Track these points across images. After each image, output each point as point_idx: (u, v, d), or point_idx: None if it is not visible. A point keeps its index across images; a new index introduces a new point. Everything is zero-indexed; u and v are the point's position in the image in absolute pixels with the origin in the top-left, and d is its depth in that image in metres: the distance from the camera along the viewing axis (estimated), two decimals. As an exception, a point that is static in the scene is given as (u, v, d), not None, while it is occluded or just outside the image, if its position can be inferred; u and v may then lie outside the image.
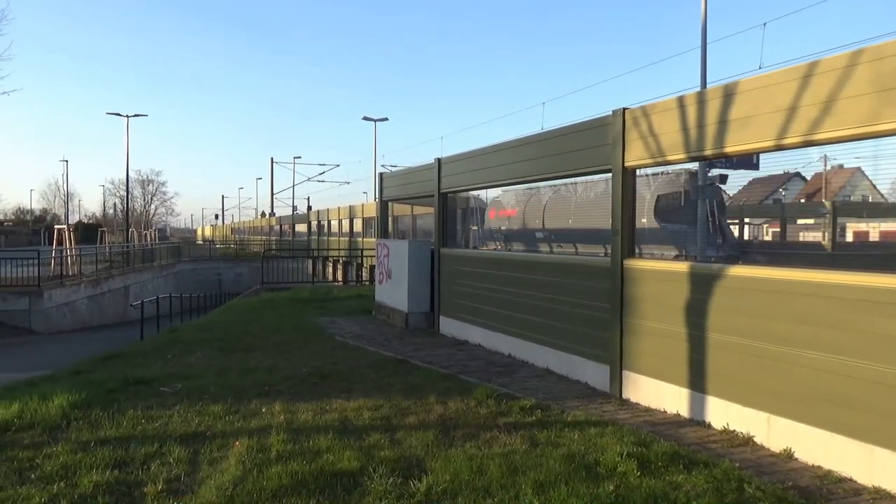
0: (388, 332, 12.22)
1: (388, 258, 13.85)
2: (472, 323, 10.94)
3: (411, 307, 12.66)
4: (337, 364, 9.06)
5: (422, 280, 12.62)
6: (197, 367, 9.01)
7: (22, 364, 14.17)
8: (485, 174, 10.72)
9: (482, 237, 16.33)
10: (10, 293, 22.19)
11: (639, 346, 7.12)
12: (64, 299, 24.37)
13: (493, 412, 6.58)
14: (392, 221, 17.82)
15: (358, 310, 15.35)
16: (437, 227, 12.38)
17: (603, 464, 5.06)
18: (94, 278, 27.94)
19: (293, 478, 4.80)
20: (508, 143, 10.06)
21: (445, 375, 8.31)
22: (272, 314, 14.87)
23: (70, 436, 5.92)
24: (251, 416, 6.45)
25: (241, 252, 54.36)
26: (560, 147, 8.59)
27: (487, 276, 10.49)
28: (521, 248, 14.53)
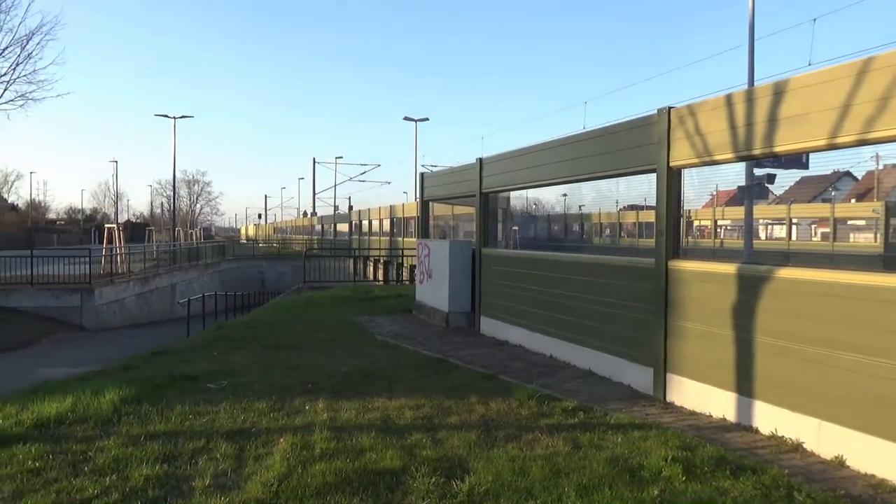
0: (429, 332, 12.25)
1: (429, 258, 13.89)
2: (513, 323, 10.91)
3: (452, 307, 12.68)
4: (378, 363, 9.12)
5: (462, 280, 12.62)
6: (242, 364, 9.16)
7: (75, 359, 14.60)
8: (526, 174, 10.68)
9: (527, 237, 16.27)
10: (62, 290, 22.86)
11: (683, 348, 7.01)
12: (113, 297, 25.02)
13: (535, 413, 6.55)
14: (433, 221, 17.87)
15: (398, 309, 15.43)
16: (479, 227, 12.38)
17: (647, 467, 4.99)
18: (143, 276, 28.63)
19: (337, 475, 4.85)
20: (551, 142, 10.01)
21: (486, 375, 8.30)
22: (314, 313, 15.04)
23: (121, 430, 6.07)
24: (295, 414, 6.53)
25: (283, 251, 55.17)
26: (603, 146, 8.51)
27: (528, 277, 10.45)
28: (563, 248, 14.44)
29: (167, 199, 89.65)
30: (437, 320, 13.13)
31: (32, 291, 22.44)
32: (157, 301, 29.51)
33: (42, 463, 5.24)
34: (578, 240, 37.22)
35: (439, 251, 13.30)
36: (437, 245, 13.72)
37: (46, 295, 22.57)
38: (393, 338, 11.48)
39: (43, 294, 22.54)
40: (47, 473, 5.03)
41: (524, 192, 14.80)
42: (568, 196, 26.75)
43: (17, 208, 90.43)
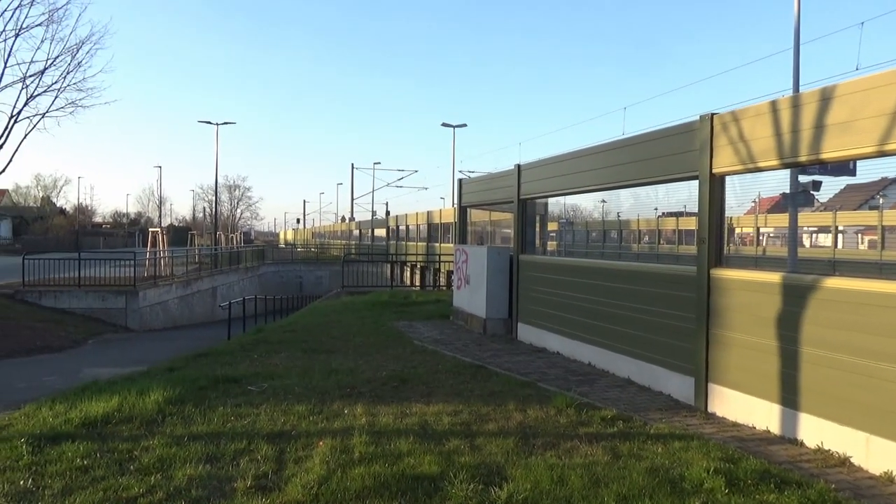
0: (466, 338, 12.25)
1: (467, 264, 13.89)
2: (551, 330, 10.85)
3: (489, 313, 12.66)
4: (416, 368, 9.15)
5: (500, 286, 12.60)
6: (281, 367, 9.28)
7: (120, 359, 14.94)
8: (565, 180, 10.63)
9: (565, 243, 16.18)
10: (108, 292, 23.41)
11: (726, 358, 6.89)
12: (157, 299, 25.52)
13: (574, 421, 6.50)
14: (471, 227, 17.89)
15: (436, 314, 15.46)
16: (516, 233, 12.34)
17: (688, 479, 4.92)
18: (185, 279, 29.16)
19: (376, 479, 4.88)
20: (589, 149, 9.94)
21: (524, 382, 8.26)
22: (352, 317, 15.15)
23: (165, 430, 6.20)
24: (334, 417, 6.59)
25: (321, 256, 55.72)
26: (644, 153, 8.43)
27: (567, 284, 10.38)
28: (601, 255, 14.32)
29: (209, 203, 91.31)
30: (475, 326, 13.12)
31: (80, 293, 23.02)
32: (198, 304, 30.03)
33: (90, 461, 5.37)
34: (617, 247, 36.85)
35: (477, 257, 13.30)
36: (474, 251, 13.73)
37: (93, 297, 23.13)
38: (430, 343, 11.50)
39: (90, 296, 23.10)
40: (94, 471, 5.16)
41: (562, 198, 14.71)
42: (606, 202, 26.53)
43: (66, 212, 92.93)
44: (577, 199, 15.67)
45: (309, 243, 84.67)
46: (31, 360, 14.95)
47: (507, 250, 12.99)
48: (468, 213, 16.68)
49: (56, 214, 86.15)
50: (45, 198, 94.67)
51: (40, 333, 18.25)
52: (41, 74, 22.05)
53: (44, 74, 22.09)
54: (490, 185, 14.25)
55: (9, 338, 16.92)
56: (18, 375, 12.32)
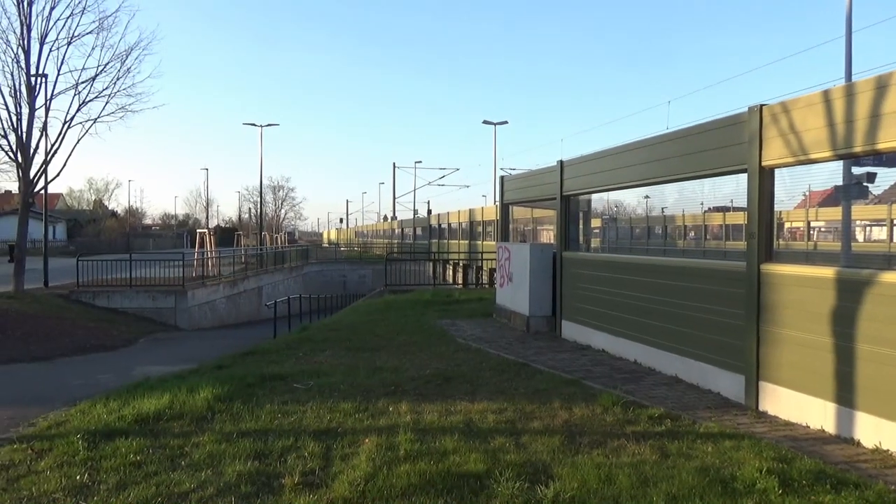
0: (510, 336, 12.22)
1: (510, 261, 13.84)
2: (596, 328, 10.74)
3: (533, 311, 12.59)
4: (460, 366, 9.15)
5: (543, 283, 12.52)
6: (327, 365, 9.38)
7: (170, 357, 15.25)
8: (608, 176, 10.51)
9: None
10: (158, 292, 23.95)
11: (777, 355, 6.72)
12: (205, 298, 26.03)
13: (620, 420, 6.42)
14: (513, 224, 17.81)
15: (478, 313, 15.45)
16: (559, 230, 12.25)
17: (740, 479, 4.80)
18: (232, 279, 29.67)
19: (421, 477, 4.88)
20: (633, 143, 9.81)
21: (569, 380, 8.20)
22: (396, 316, 15.24)
23: (214, 426, 6.31)
24: (379, 415, 6.63)
25: (364, 255, 56.16)
26: (690, 146, 8.27)
27: (611, 280, 10.26)
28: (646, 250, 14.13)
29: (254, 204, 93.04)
30: (518, 324, 13.06)
31: (131, 293, 23.60)
32: (244, 303, 30.54)
33: (142, 457, 5.50)
34: (661, 243, 36.30)
35: (519, 254, 13.24)
36: (517, 248, 13.67)
37: (144, 296, 23.69)
38: (474, 341, 11.49)
39: (140, 296, 23.67)
40: (147, 467, 5.28)
41: (605, 194, 14.55)
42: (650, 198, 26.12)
43: (117, 215, 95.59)
44: (620, 194, 15.51)
45: (352, 242, 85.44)
46: (86, 358, 15.38)
47: (549, 247, 12.90)
48: (510, 210, 16.62)
49: (108, 217, 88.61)
50: (98, 201, 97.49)
51: (94, 333, 18.78)
52: (92, 81, 22.74)
53: (95, 81, 22.79)
54: (532, 182, 14.17)
55: (65, 337, 17.46)
56: (74, 373, 12.70)
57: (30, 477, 5.19)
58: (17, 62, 21.80)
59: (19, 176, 22.24)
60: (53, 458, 5.57)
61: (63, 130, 22.50)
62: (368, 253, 58.82)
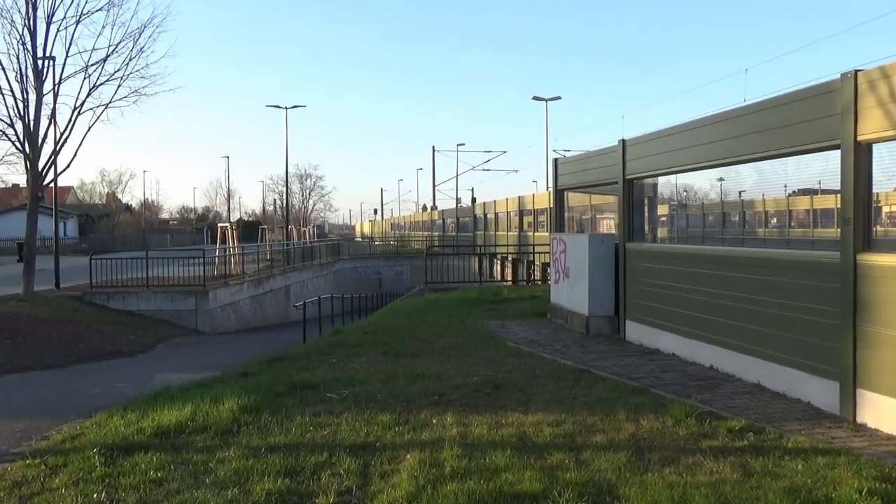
0: (566, 338, 12.15)
1: (565, 255, 13.76)
2: (665, 328, 10.61)
3: (592, 310, 12.50)
4: (511, 372, 9.14)
5: (605, 279, 12.41)
6: (362, 372, 9.45)
7: (192, 363, 15.60)
8: (677, 156, 10.35)
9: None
10: (178, 293, 24.42)
11: (878, 359, 6.53)
12: (228, 299, 26.48)
13: (695, 433, 6.33)
14: (568, 213, 17.65)
15: (531, 312, 15.40)
16: (622, 218, 12.12)
17: (836, 501, 4.69)
18: (256, 278, 30.11)
19: (470, 497, 4.88)
20: (706, 118, 9.65)
21: (635, 389, 8.12)
22: (438, 316, 15.29)
23: (241, 440, 6.41)
24: (421, 428, 6.65)
25: (401, 249, 56.37)
26: (771, 121, 8.09)
27: (682, 275, 10.12)
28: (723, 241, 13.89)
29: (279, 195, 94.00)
30: (576, 325, 12.98)
31: (148, 294, 24.15)
32: (270, 304, 30.98)
33: (164, 473, 5.62)
34: (738, 232, 35.63)
35: (577, 247, 13.14)
36: (574, 240, 13.57)
37: (162, 298, 24.21)
38: (526, 345, 11.46)
39: (158, 297, 24.19)
40: (169, 484, 5.39)
41: (673, 177, 14.32)
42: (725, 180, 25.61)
43: (132, 208, 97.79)
44: (690, 177, 15.25)
45: (387, 236, 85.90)
46: (102, 364, 15.81)
47: (611, 238, 12.78)
48: (565, 196, 16.48)
49: (122, 211, 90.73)
50: (111, 194, 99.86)
51: (110, 337, 19.28)
52: (103, 62, 23.28)
53: (106, 62, 23.33)
54: (590, 165, 14.04)
55: (79, 342, 17.96)
56: (89, 382, 13.06)
57: (44, 495, 5.34)
58: (22, 44, 22.41)
59: (27, 168, 22.83)
60: (68, 475, 5.72)
61: (73, 117, 23.09)
62: (406, 247, 59.08)
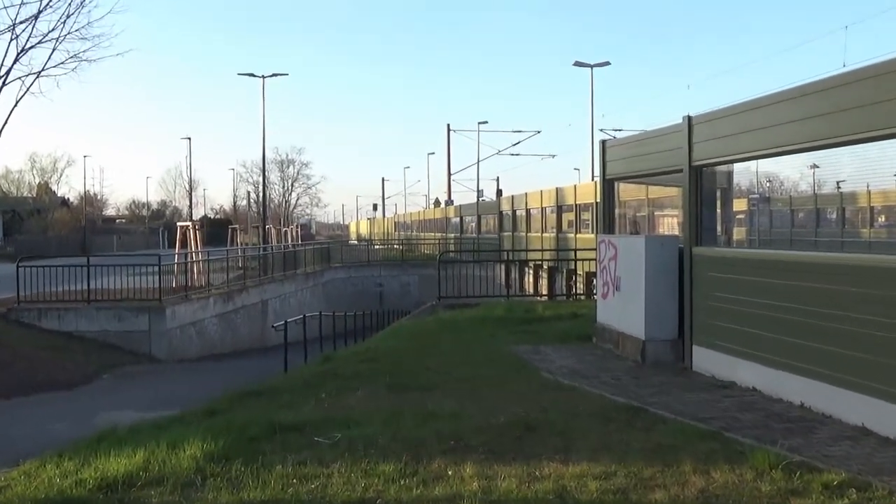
0: (617, 368, 12.13)
1: (616, 262, 13.73)
2: (743, 355, 10.56)
3: (650, 332, 12.46)
4: (546, 411, 9.12)
5: (666, 293, 12.37)
6: (359, 410, 9.46)
7: (144, 399, 15.66)
8: (758, 137, 10.32)
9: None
10: (127, 310, 24.40)
11: None
12: (190, 318, 26.57)
13: (781, 489, 6.31)
14: (619, 209, 17.57)
15: (571, 335, 15.37)
16: (688, 216, 12.08)
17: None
18: (226, 291, 30.21)
19: (495, 570, 4.88)
20: (795, 89, 9.63)
21: (705, 432, 8.09)
22: (454, 340, 15.29)
23: (206, 496, 6.44)
24: (434, 481, 6.66)
25: (408, 255, 56.45)
26: (879, 91, 8.06)
27: (765, 288, 10.08)
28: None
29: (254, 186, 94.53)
30: (629, 351, 12.95)
31: (90, 311, 24.22)
32: (243, 323, 31.07)
33: (110, 537, 5.65)
34: (837, 232, 35.41)
35: (630, 252, 13.12)
36: (626, 243, 13.54)
37: (107, 316, 24.25)
38: (566, 376, 11.45)
39: (103, 315, 24.25)
40: (117, 551, 5.42)
41: (753, 163, 14.28)
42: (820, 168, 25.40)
43: (69, 203, 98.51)
44: (774, 164, 15.11)
45: (390, 238, 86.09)
46: (32, 400, 15.93)
47: (673, 241, 12.75)
48: (615, 188, 16.45)
49: (57, 206, 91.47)
50: (43, 185, 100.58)
51: (42, 365, 19.40)
52: (34, 20, 23.46)
53: (38, 20, 23.49)
54: (646, 148, 14.02)
55: (3, 371, 18.06)
56: (17, 421, 13.16)
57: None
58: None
59: (-64, 153, 23.07)
60: (-9, 539, 5.76)
61: (-4, 89, 23.23)
62: (413, 252, 59.16)
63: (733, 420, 8.75)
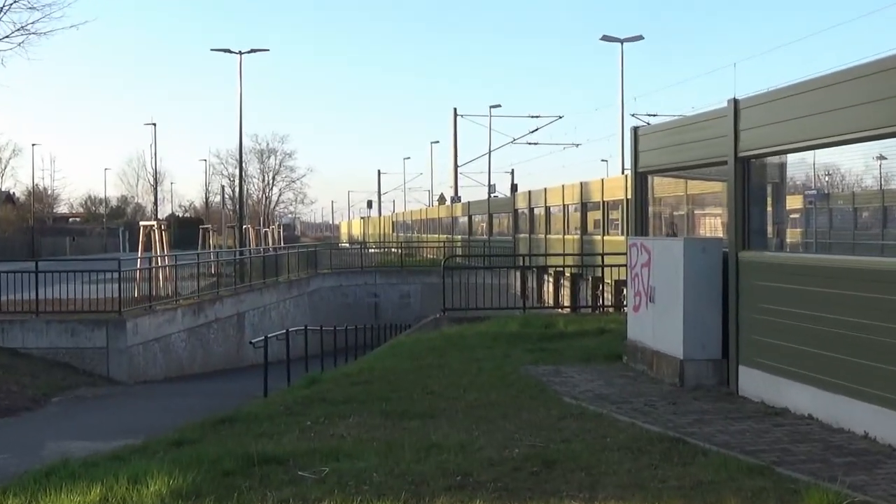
0: (651, 392, 12.14)
1: (649, 269, 13.73)
2: (798, 378, 10.55)
3: (689, 351, 12.45)
4: (569, 442, 9.12)
5: (707, 306, 12.37)
6: (351, 440, 9.47)
7: (102, 427, 15.65)
8: (815, 123, 10.32)
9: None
10: (80, 323, 24.32)
11: None
12: (154, 333, 26.54)
13: (843, 535, 6.30)
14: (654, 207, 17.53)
15: (598, 354, 15.38)
16: (734, 215, 12.08)
17: None
18: (196, 301, 30.17)
19: None
20: (861, 67, 9.62)
21: (753, 467, 8.07)
22: (461, 359, 15.29)
23: (173, 540, 6.44)
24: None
25: (408, 260, 56.46)
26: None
27: (827, 300, 10.06)
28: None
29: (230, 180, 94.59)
30: (665, 373, 12.95)
31: (39, 324, 24.17)
32: (216, 339, 31.07)
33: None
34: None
35: (666, 257, 13.11)
36: (661, 247, 13.54)
37: (58, 330, 24.20)
38: (592, 401, 11.46)
39: (53, 329, 24.21)
40: None
41: (810, 154, 14.29)
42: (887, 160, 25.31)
43: (15, 199, 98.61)
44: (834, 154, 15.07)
45: (388, 240, 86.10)
46: (-30, 428, 15.95)
47: (717, 244, 12.77)
48: (649, 183, 16.47)
49: (0, 203, 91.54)
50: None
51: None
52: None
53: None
54: (685, 137, 14.02)
55: (-64, 395, 18.08)
56: (-49, 452, 13.16)
57: None
58: None
59: None
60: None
61: (-72, 66, 23.27)
62: (414, 257, 59.23)
63: (786, 453, 8.74)
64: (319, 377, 16.07)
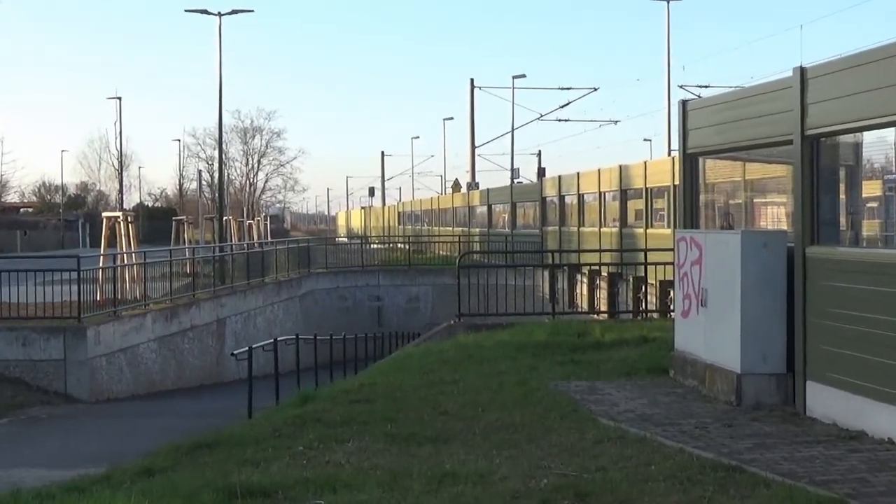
0: (703, 412, 12.14)
1: (701, 266, 13.71)
2: (877, 396, 10.51)
3: (748, 363, 12.43)
4: (606, 471, 9.11)
5: (769, 311, 12.34)
6: (350, 468, 9.47)
7: (58, 453, 15.69)
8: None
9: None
10: (33, 331, 24.29)
11: None
12: (120, 342, 26.54)
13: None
14: (706, 195, 17.46)
15: (640, 366, 15.37)
16: (801, 204, 12.05)
17: None
18: (169, 306, 30.22)
19: None
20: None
21: (824, 500, 8.07)
22: (480, 373, 15.30)
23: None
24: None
25: (416, 258, 56.47)
26: None
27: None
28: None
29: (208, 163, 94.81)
30: (719, 389, 12.93)
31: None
32: (192, 350, 31.08)
33: None
34: None
35: (720, 253, 13.10)
36: (714, 241, 13.53)
37: (7, 339, 24.16)
38: (633, 423, 11.46)
39: (2, 338, 24.20)
40: None
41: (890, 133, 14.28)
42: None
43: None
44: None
45: (393, 233, 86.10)
46: None
47: (780, 238, 12.74)
48: (700, 166, 16.44)
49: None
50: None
51: (-81, 406, 19.43)
52: None
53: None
54: (743, 112, 13.98)
55: None
56: None
57: None
58: None
59: None
60: None
61: None
62: (424, 254, 59.24)
63: (862, 483, 8.71)
64: (313, 394, 16.10)
